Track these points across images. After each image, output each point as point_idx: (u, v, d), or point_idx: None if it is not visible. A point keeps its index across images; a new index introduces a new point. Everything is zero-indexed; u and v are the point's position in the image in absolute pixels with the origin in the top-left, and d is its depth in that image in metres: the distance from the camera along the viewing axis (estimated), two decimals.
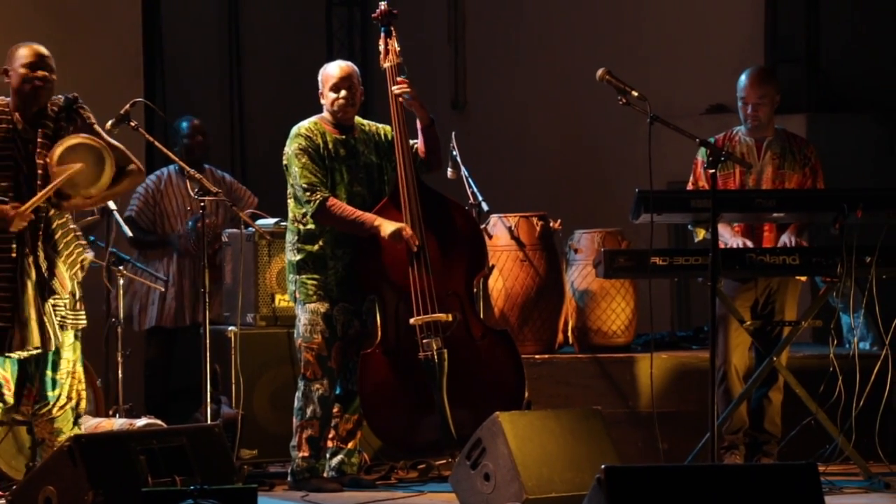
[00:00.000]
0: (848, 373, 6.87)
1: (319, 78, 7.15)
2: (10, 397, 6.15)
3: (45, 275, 6.20)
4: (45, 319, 6.17)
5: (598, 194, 9.82)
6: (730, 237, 7.07)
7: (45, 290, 6.20)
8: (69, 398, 6.27)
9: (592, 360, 7.66)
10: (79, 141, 6.19)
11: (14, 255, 6.12)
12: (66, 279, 6.27)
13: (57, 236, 6.26)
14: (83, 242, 6.40)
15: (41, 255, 6.20)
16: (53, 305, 6.21)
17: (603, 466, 5.01)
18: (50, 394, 6.22)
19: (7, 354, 6.12)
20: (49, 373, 6.22)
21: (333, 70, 7.13)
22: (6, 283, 6.12)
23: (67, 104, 6.26)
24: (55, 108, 6.26)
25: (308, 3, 11.03)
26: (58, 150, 6.13)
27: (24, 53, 6.22)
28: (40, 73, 6.19)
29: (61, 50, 6.40)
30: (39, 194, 6.13)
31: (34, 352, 6.15)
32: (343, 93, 7.06)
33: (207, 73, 10.58)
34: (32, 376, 6.21)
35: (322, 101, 7.14)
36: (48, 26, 9.13)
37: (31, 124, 6.22)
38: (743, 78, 7.15)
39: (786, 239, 7.06)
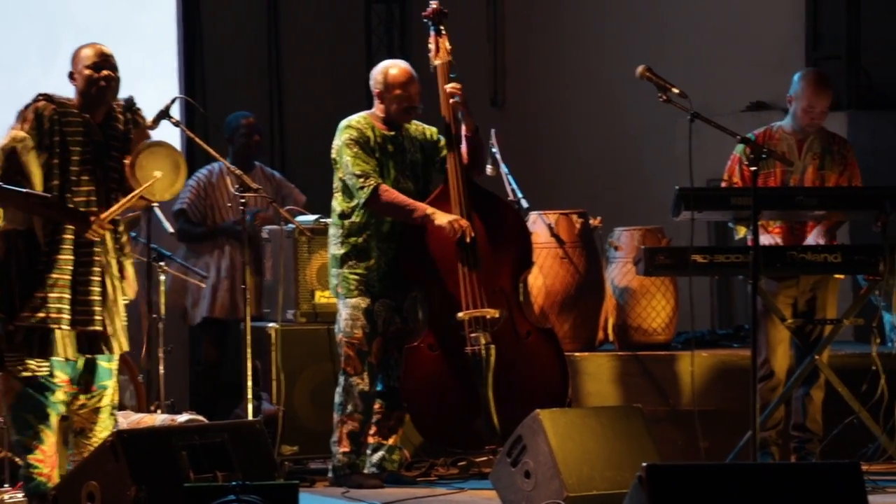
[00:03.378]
0: (890, 371, 6.83)
1: (382, 79, 7.07)
2: (65, 396, 6.19)
3: (118, 277, 6.27)
4: (118, 324, 6.27)
5: (638, 191, 9.79)
6: (760, 235, 7.01)
7: (121, 293, 6.28)
8: (114, 391, 6.34)
9: (633, 358, 7.64)
10: (157, 146, 6.23)
11: (98, 258, 6.17)
12: (134, 282, 6.34)
13: (123, 239, 6.32)
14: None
15: (114, 257, 6.26)
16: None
17: (644, 464, 5.01)
18: (106, 382, 6.28)
19: (92, 357, 6.21)
20: (103, 363, 6.28)
21: (401, 76, 7.04)
22: (98, 288, 6.17)
23: (128, 105, 6.30)
24: (119, 108, 6.29)
25: (347, 1, 11.05)
26: (137, 155, 6.16)
27: (86, 55, 6.21)
28: (104, 73, 6.19)
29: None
30: (121, 203, 6.16)
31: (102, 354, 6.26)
32: (413, 100, 7.04)
33: (247, 71, 10.61)
34: (89, 369, 6.26)
35: (379, 102, 7.10)
36: (84, 22, 9.21)
37: (100, 125, 6.25)
38: (803, 84, 7.01)
39: (815, 239, 7.02)
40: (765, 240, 6.99)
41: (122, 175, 6.19)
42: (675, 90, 6.47)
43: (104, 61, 6.20)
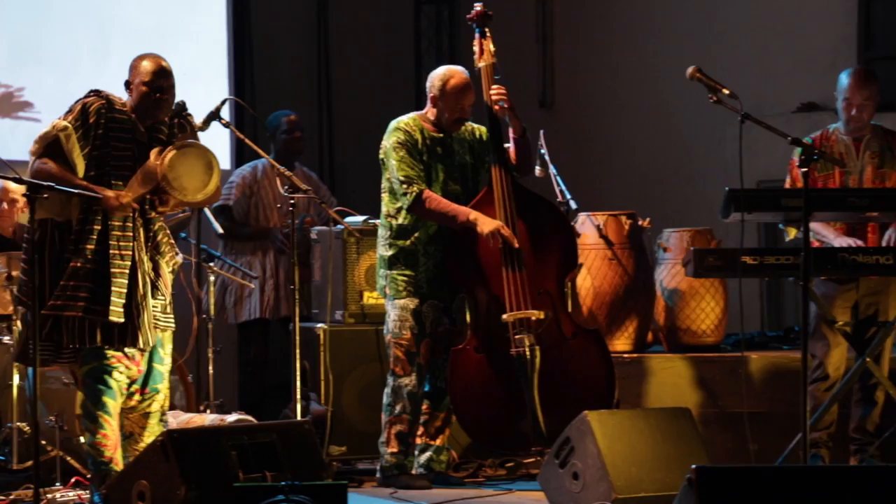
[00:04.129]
0: None
1: (440, 86, 7.05)
2: (125, 377, 6.24)
3: (152, 276, 6.29)
4: (147, 319, 6.28)
5: (687, 193, 9.76)
6: (833, 237, 6.96)
7: (153, 291, 6.29)
8: (166, 396, 6.38)
9: (682, 360, 7.61)
10: (190, 147, 6.25)
11: (131, 253, 6.21)
12: (169, 281, 6.37)
13: (159, 238, 6.35)
14: (172, 243, 6.49)
15: (147, 255, 6.29)
16: (152, 307, 6.31)
17: (694, 466, 4.98)
18: (159, 385, 6.32)
19: (123, 350, 6.22)
20: (157, 366, 6.32)
21: (459, 87, 7.04)
22: (124, 280, 6.20)
23: (178, 110, 6.32)
24: (168, 114, 6.33)
25: (397, 2, 11.06)
26: (169, 154, 6.19)
27: (145, 69, 6.24)
28: (158, 94, 6.23)
29: (150, 48, 6.44)
30: (136, 178, 6.17)
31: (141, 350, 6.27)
32: (465, 112, 7.07)
33: (296, 71, 10.64)
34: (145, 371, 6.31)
35: (432, 105, 7.10)
36: (135, 24, 9.26)
37: (147, 128, 6.30)
38: (845, 79, 7.00)
39: (887, 240, 6.96)
40: (839, 242, 6.90)
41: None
42: (726, 91, 6.43)
43: (162, 80, 6.24)
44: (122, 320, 6.19)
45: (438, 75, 7.11)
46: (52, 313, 6.13)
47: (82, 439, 6.54)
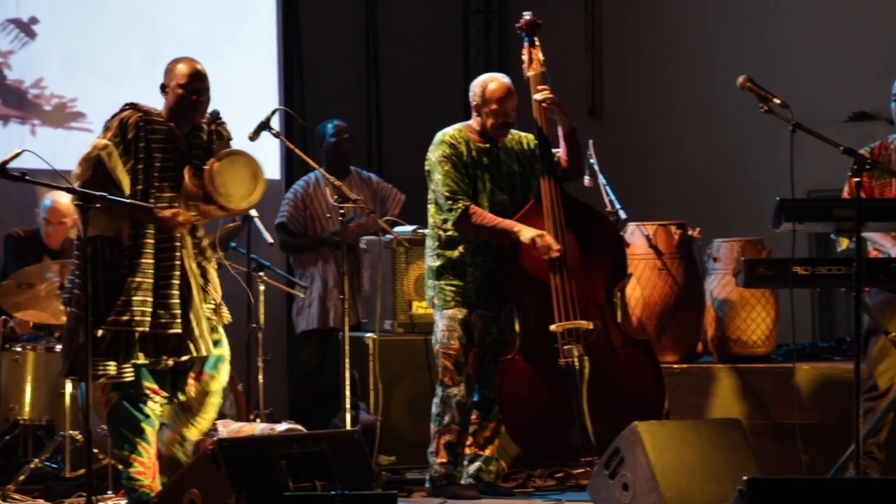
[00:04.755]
0: None
1: (481, 92, 7.06)
2: (159, 406, 6.27)
3: (201, 282, 6.32)
4: (205, 326, 6.31)
5: (738, 202, 9.72)
6: (891, 247, 6.91)
7: (203, 296, 6.33)
8: (226, 374, 6.42)
9: (732, 370, 7.57)
10: (236, 155, 6.28)
11: (180, 263, 6.25)
12: (218, 284, 6.39)
13: (204, 244, 6.38)
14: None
15: (195, 262, 6.32)
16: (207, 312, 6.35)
17: (745, 478, 4.96)
18: (214, 371, 6.37)
19: (174, 360, 6.25)
20: (217, 350, 6.36)
21: (499, 91, 7.04)
22: (176, 291, 6.23)
23: (213, 118, 6.35)
24: (205, 121, 6.36)
25: (445, 11, 11.08)
26: (216, 163, 6.22)
27: (180, 72, 6.28)
28: (194, 97, 6.26)
29: (200, 58, 6.46)
30: (202, 207, 6.23)
31: (191, 357, 6.30)
32: (508, 116, 7.04)
33: (345, 81, 10.68)
34: (191, 365, 6.33)
35: (476, 114, 7.10)
36: (186, 34, 9.31)
37: (185, 135, 6.33)
38: None
39: None
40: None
41: (203, 183, 6.26)
42: (777, 100, 6.40)
43: (197, 83, 6.27)
44: (180, 331, 6.23)
45: (479, 82, 7.12)
46: (114, 328, 6.15)
47: None
